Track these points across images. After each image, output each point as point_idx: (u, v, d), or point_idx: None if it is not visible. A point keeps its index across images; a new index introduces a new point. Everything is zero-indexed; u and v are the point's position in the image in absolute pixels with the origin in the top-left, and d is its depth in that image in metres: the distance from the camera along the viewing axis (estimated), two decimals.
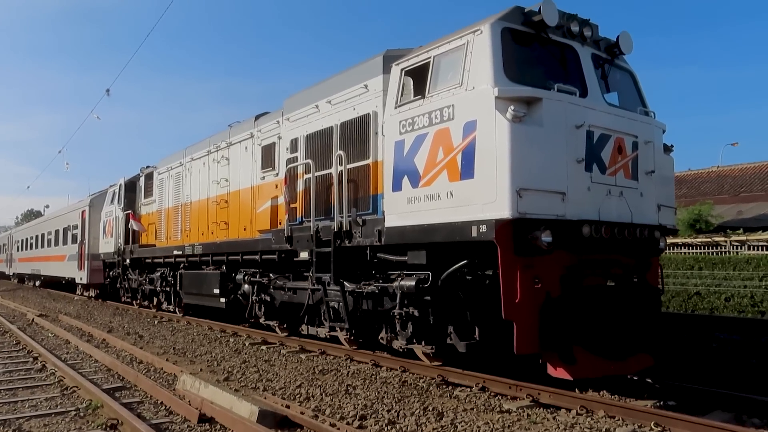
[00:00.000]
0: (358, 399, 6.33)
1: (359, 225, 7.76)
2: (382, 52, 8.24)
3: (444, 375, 7.25)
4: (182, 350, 9.93)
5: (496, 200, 5.87)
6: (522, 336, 5.87)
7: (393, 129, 7.26)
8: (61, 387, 7.19)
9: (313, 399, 6.38)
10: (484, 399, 6.40)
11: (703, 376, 7.45)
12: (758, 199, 24.59)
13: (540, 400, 6.20)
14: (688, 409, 5.86)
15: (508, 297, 5.87)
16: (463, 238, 6.20)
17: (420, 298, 7.12)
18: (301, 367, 8.21)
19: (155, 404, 6.29)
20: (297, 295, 9.65)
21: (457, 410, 5.92)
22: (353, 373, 7.79)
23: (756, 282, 15.86)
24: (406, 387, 6.97)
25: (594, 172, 6.36)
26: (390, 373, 7.77)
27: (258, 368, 8.21)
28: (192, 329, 12.81)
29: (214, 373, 7.96)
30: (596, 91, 6.82)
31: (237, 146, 12.02)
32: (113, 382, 7.38)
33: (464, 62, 6.44)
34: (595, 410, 5.78)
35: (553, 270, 6.14)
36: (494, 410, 5.98)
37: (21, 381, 7.62)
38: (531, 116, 5.99)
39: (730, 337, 10.09)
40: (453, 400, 6.37)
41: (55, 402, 6.47)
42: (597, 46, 7.20)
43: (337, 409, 5.93)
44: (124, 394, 6.73)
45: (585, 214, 6.22)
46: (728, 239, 19.74)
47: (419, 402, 6.20)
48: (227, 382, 7.27)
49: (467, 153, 6.20)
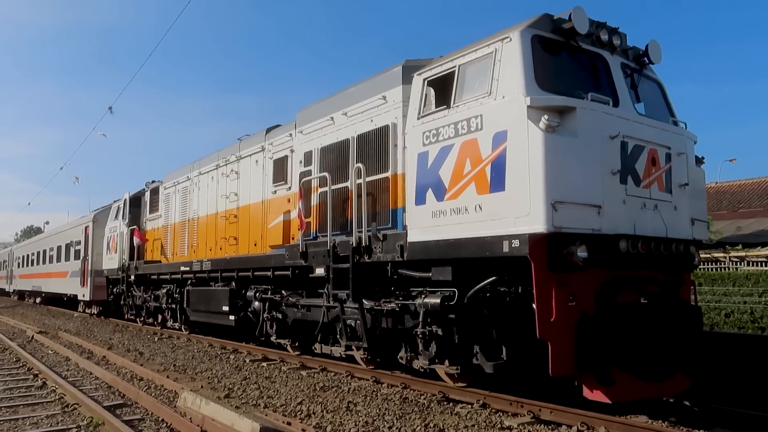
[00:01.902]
0: (359, 416, 6.28)
1: (379, 240, 7.48)
2: (401, 62, 8.03)
3: (445, 392, 7.19)
4: (183, 367, 9.87)
5: (530, 213, 5.60)
6: (558, 357, 5.57)
7: (416, 140, 7.01)
8: (62, 404, 7.12)
9: (314, 416, 6.34)
10: (485, 416, 6.32)
11: (704, 393, 7.20)
12: (757, 214, 24.44)
13: (541, 416, 6.14)
14: (689, 424, 5.78)
15: (543, 315, 5.58)
16: (493, 254, 5.92)
17: (444, 316, 6.82)
18: (302, 384, 8.15)
19: (156, 421, 6.24)
20: (311, 312, 9.34)
21: (458, 427, 5.86)
22: (354, 390, 7.72)
23: (756, 298, 15.63)
24: (407, 404, 6.90)
25: (629, 184, 6.10)
26: (391, 389, 7.71)
27: (259, 385, 8.16)
28: (192, 346, 12.72)
29: (215, 389, 7.90)
30: (627, 100, 6.59)
31: (247, 160, 11.78)
32: (114, 399, 7.33)
33: (492, 71, 6.21)
34: (596, 426, 5.72)
35: (587, 287, 5.86)
36: (495, 427, 5.90)
37: (21, 398, 7.56)
38: (565, 126, 5.74)
39: (730, 353, 9.93)
40: (454, 417, 6.31)
41: (56, 419, 6.42)
42: (626, 55, 6.99)
43: (338, 426, 5.89)
44: (125, 411, 6.69)
45: (621, 228, 5.94)
46: (728, 255, 19.54)
47: (420, 419, 6.15)
48: (228, 399, 7.21)
49: (497, 165, 5.95)
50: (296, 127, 10.08)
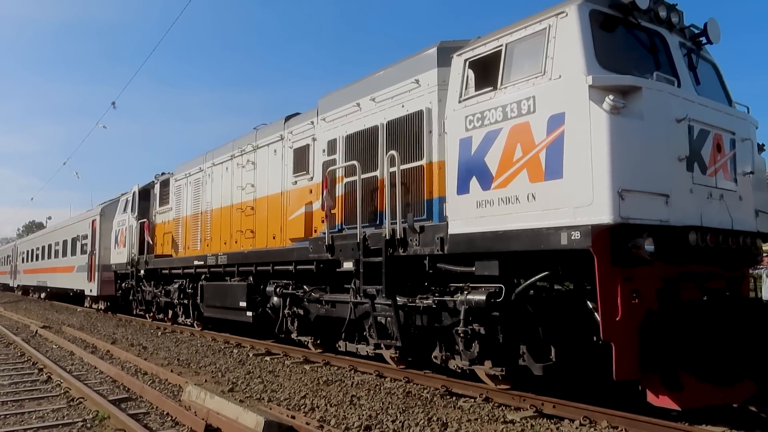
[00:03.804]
0: (363, 409, 6.27)
1: (416, 232, 7.00)
2: (435, 44, 7.54)
3: (448, 386, 7.14)
4: (186, 361, 9.82)
5: (593, 203, 5.11)
6: (622, 359, 5.11)
7: (457, 125, 6.53)
8: (67, 398, 7.11)
9: (318, 410, 6.32)
10: (488, 409, 6.29)
11: None
12: None
13: (544, 410, 6.09)
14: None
15: (608, 315, 5.11)
16: (548, 247, 5.44)
17: (487, 314, 6.36)
18: (306, 378, 8.13)
19: (161, 415, 6.25)
20: (336, 308, 8.87)
21: (461, 421, 5.84)
22: (357, 384, 7.69)
23: None
24: (410, 398, 6.87)
25: (695, 172, 5.62)
26: (394, 383, 7.67)
27: (262, 379, 8.13)
28: (196, 340, 12.64)
29: (219, 383, 7.88)
30: (688, 82, 6.11)
31: (264, 149, 11.29)
32: (119, 393, 7.32)
33: (546, 48, 5.72)
34: (598, 420, 5.67)
35: (650, 283, 5.39)
36: (498, 421, 5.88)
37: (27, 392, 7.54)
38: (630, 108, 5.25)
39: None
40: (457, 411, 6.27)
41: (62, 413, 6.39)
42: (683, 35, 6.49)
43: (342, 419, 5.88)
44: (131, 405, 6.69)
45: (688, 219, 5.46)
46: None
47: (423, 412, 6.12)
48: (232, 393, 7.18)
49: (553, 150, 5.46)
50: (318, 115, 9.59)
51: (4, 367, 9.49)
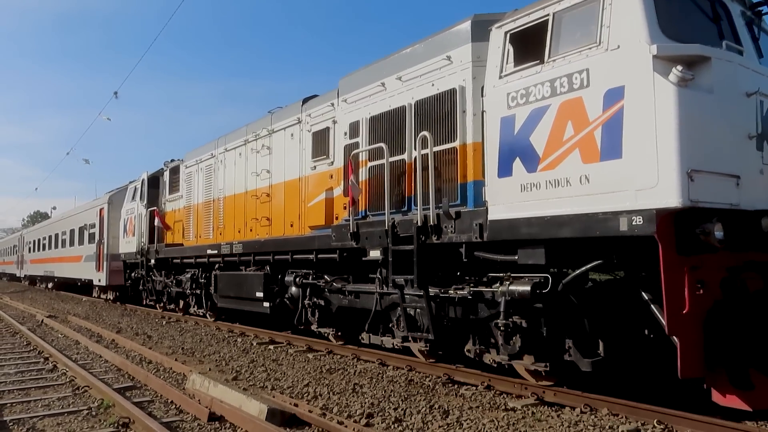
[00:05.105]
0: (365, 397, 6.29)
1: (451, 218, 6.55)
2: (469, 17, 7.05)
3: (450, 374, 7.16)
4: (191, 350, 9.83)
5: (658, 185, 4.65)
6: (688, 356, 4.67)
7: (498, 103, 6.05)
8: (72, 387, 7.15)
9: (320, 398, 6.35)
10: (490, 397, 6.30)
11: None
12: None
13: (545, 398, 6.08)
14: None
15: (673, 307, 4.67)
16: (605, 233, 4.98)
17: (530, 306, 5.92)
18: (309, 367, 8.14)
19: (166, 403, 6.29)
20: (360, 299, 8.45)
21: (462, 408, 5.84)
22: (360, 372, 7.73)
23: None
24: (412, 385, 6.88)
25: (765, 151, 5.15)
26: (396, 372, 7.69)
27: (266, 367, 8.16)
28: (200, 329, 12.65)
29: (223, 372, 7.90)
30: (752, 53, 5.61)
31: (281, 133, 10.83)
32: (124, 382, 7.38)
33: (601, 16, 5.23)
34: (599, 408, 5.62)
35: (715, 272, 4.94)
36: (499, 408, 5.87)
37: (33, 381, 7.59)
38: (698, 80, 4.77)
39: None
40: (459, 399, 6.28)
41: (68, 401, 6.44)
42: (743, 3, 5.98)
43: (344, 407, 5.89)
44: (135, 394, 6.73)
45: (759, 203, 5.00)
46: None
47: (425, 400, 6.13)
48: (236, 381, 7.20)
49: (611, 127, 4.99)
50: (339, 96, 9.12)
51: (10, 356, 9.43)
